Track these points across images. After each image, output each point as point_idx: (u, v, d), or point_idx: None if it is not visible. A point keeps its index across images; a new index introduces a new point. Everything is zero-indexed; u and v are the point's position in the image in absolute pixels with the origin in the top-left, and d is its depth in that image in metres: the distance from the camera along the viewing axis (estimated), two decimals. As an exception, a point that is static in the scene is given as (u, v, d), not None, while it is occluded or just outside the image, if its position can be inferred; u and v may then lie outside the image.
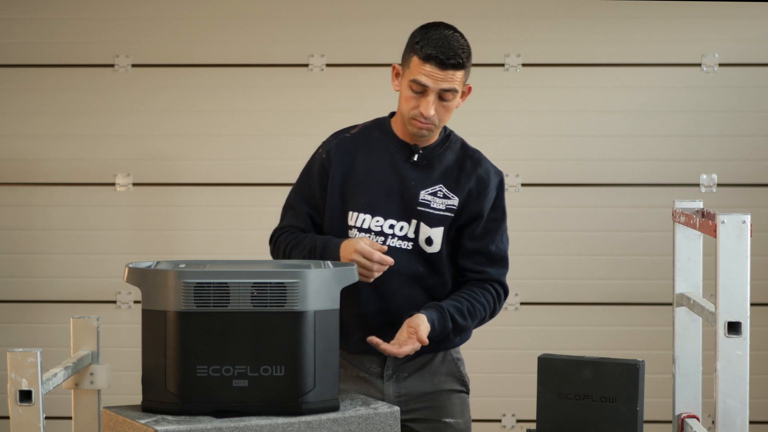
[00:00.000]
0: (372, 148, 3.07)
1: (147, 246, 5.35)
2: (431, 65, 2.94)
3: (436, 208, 3.03)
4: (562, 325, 5.41)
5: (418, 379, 3.08)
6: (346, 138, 3.11)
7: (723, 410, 2.73)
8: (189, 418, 2.62)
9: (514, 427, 5.41)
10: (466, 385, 3.16)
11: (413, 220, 3.02)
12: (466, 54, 2.97)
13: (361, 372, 3.08)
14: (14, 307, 5.41)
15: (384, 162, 3.05)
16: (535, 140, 5.39)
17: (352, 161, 3.06)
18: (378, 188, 3.03)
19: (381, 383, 3.06)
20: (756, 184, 5.38)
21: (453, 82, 2.94)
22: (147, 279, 2.67)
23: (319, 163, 3.09)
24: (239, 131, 5.38)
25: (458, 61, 2.94)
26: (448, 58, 2.93)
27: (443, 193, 3.04)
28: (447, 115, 3.00)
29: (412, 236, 3.03)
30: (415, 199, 3.02)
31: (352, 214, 3.04)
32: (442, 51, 2.94)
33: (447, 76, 2.94)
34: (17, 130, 5.38)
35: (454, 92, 2.96)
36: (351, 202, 3.04)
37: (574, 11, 5.37)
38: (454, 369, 3.13)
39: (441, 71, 2.94)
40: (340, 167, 3.06)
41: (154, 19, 5.36)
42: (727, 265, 2.72)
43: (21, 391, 2.69)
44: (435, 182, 3.04)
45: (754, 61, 5.36)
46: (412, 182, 3.03)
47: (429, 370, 3.09)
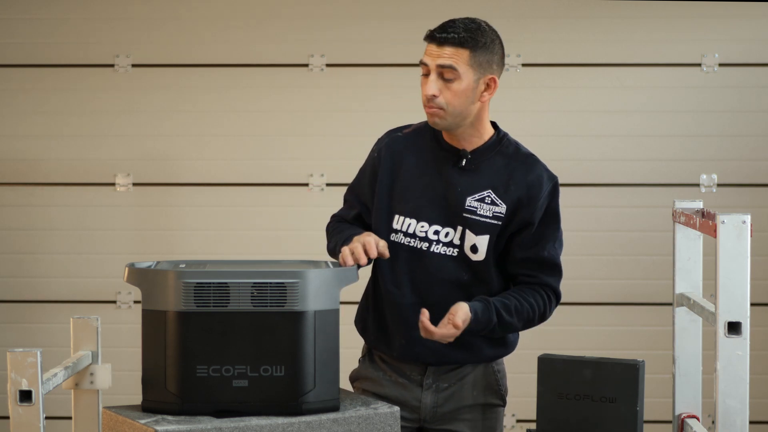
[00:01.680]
0: (421, 151, 3.01)
1: (147, 246, 5.35)
2: (430, 43, 2.90)
3: (482, 215, 2.94)
4: (562, 325, 5.41)
5: (457, 391, 3.03)
6: (398, 137, 3.06)
7: (723, 410, 2.73)
8: (189, 418, 2.62)
9: (514, 427, 5.41)
10: (503, 399, 3.11)
11: (459, 227, 2.95)
12: (469, 33, 2.87)
13: (400, 378, 3.04)
14: (14, 307, 5.41)
15: (431, 166, 2.99)
16: (534, 140, 5.35)
17: (400, 162, 3.01)
18: (424, 193, 2.97)
19: (420, 392, 3.03)
20: (756, 184, 5.38)
21: (450, 58, 2.86)
22: (147, 279, 2.67)
23: (372, 161, 3.07)
24: (239, 131, 5.38)
25: (454, 36, 2.86)
26: (443, 32, 2.87)
27: (491, 199, 2.95)
28: (455, 99, 2.88)
29: (458, 243, 2.96)
30: (461, 206, 2.95)
31: (398, 218, 2.99)
32: (440, 27, 2.89)
33: (443, 53, 2.86)
34: (17, 130, 5.38)
35: (453, 71, 2.86)
36: (397, 206, 2.99)
37: (574, 11, 5.37)
38: (493, 382, 3.07)
39: (437, 47, 2.88)
40: (389, 168, 3.02)
41: (154, 19, 5.36)
42: (727, 265, 2.72)
43: (21, 391, 2.69)
44: (483, 188, 2.96)
45: (754, 61, 5.36)
46: (459, 188, 2.95)
47: (469, 382, 3.04)
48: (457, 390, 3.03)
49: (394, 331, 3.00)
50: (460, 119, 2.92)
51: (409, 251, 2.98)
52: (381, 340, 3.04)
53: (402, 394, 3.03)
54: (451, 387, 3.03)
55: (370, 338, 3.07)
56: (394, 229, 2.99)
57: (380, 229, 3.01)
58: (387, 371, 3.05)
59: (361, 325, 3.10)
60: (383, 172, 3.02)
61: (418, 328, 2.90)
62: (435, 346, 2.96)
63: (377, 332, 3.04)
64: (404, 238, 2.98)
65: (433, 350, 2.98)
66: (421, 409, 3.02)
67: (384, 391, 3.03)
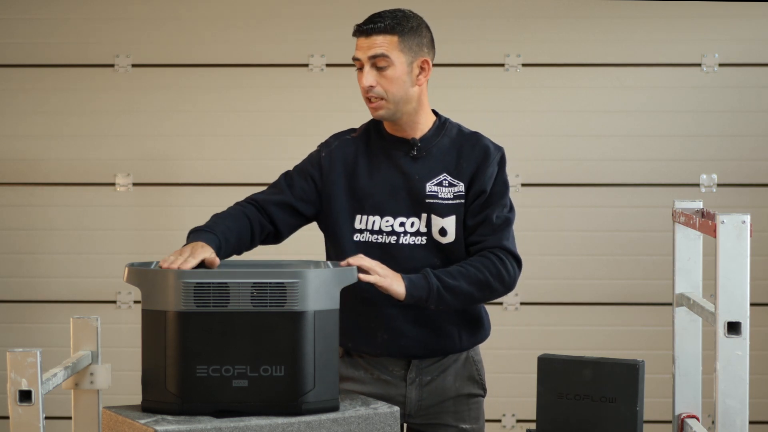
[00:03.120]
0: (372, 149, 3.05)
1: (147, 246, 5.36)
2: (359, 37, 2.97)
3: (444, 197, 2.99)
4: (562, 325, 5.41)
5: (440, 384, 3.06)
6: (347, 140, 3.09)
7: (723, 410, 2.73)
8: (189, 418, 2.62)
9: (514, 427, 5.41)
10: (484, 388, 3.15)
11: (423, 214, 2.99)
12: (395, 20, 2.94)
13: (383, 375, 3.06)
14: (14, 307, 5.41)
15: (384, 161, 3.03)
16: (535, 140, 5.39)
17: (354, 164, 3.04)
18: (383, 188, 3.01)
19: (404, 387, 3.05)
20: (756, 184, 5.38)
21: (380, 47, 2.92)
22: (147, 279, 2.67)
23: (316, 160, 3.08)
24: (239, 131, 5.39)
25: (381, 24, 2.92)
26: (368, 23, 2.94)
27: (448, 181, 3.00)
28: (393, 87, 2.94)
29: (425, 230, 2.99)
30: (422, 193, 2.99)
31: (361, 217, 3.02)
32: (366, 21, 2.96)
33: (372, 43, 2.93)
34: (17, 130, 5.38)
35: (385, 59, 2.92)
36: (357, 205, 3.02)
37: (574, 11, 5.37)
38: (473, 372, 3.11)
39: (366, 39, 2.95)
40: (343, 170, 3.05)
41: (154, 19, 5.37)
42: (727, 265, 2.72)
43: (21, 391, 2.69)
44: (438, 171, 3.01)
45: (754, 61, 5.36)
46: (416, 176, 3.00)
47: (451, 373, 3.07)
48: (440, 382, 3.06)
49: (374, 328, 3.01)
50: (402, 105, 2.97)
51: (378, 248, 3.00)
52: (361, 341, 3.05)
53: (386, 390, 3.05)
54: (434, 380, 3.06)
55: (350, 341, 3.07)
56: (358, 229, 3.02)
57: (342, 232, 3.02)
58: (369, 369, 3.06)
59: None
60: (336, 175, 3.04)
61: (398, 321, 2.97)
62: (419, 337, 2.99)
63: (356, 333, 3.05)
64: (371, 236, 3.01)
65: (416, 341, 3.00)
66: (406, 404, 3.04)
67: (367, 390, 3.04)
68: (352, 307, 3.03)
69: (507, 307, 5.39)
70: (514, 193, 5.33)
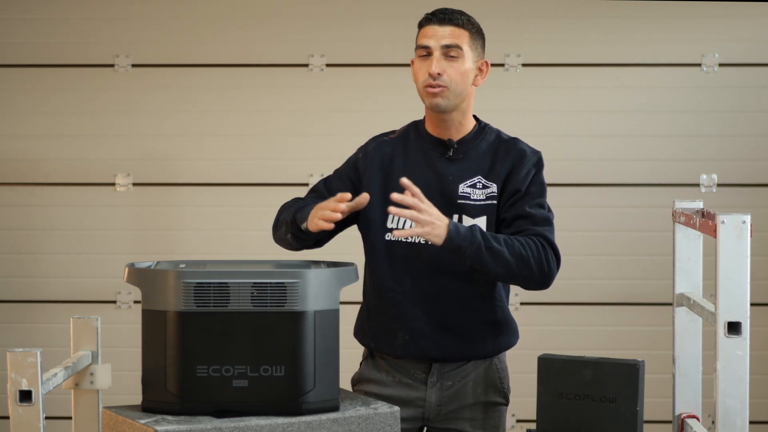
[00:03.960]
0: (409, 150, 3.06)
1: (147, 246, 5.35)
2: (430, 25, 2.99)
3: (476, 199, 2.99)
4: (562, 325, 5.41)
5: (461, 389, 3.04)
6: (385, 141, 3.11)
7: (723, 410, 2.73)
8: (189, 418, 2.62)
9: (514, 427, 5.41)
10: (506, 397, 3.11)
11: (455, 215, 2.99)
12: (467, 19, 3.00)
13: (404, 378, 3.05)
14: (14, 307, 5.41)
15: (420, 161, 3.04)
16: (535, 140, 5.34)
17: (390, 165, 3.05)
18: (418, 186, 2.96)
19: (424, 390, 3.04)
20: (756, 184, 5.38)
21: (455, 38, 2.96)
22: (147, 279, 2.68)
23: (354, 162, 3.11)
24: (239, 131, 5.38)
25: (456, 19, 2.97)
26: (445, 13, 2.98)
27: (482, 183, 3.00)
28: (459, 78, 2.97)
29: None
30: (455, 193, 2.99)
31: (392, 217, 3.01)
32: (440, 11, 3.00)
33: (447, 33, 2.96)
34: (17, 130, 5.38)
35: (458, 49, 2.96)
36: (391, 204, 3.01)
37: (574, 11, 5.37)
38: (496, 380, 3.08)
39: (440, 27, 2.97)
40: (380, 170, 3.06)
41: (154, 19, 5.36)
42: (727, 265, 2.72)
43: (21, 391, 2.69)
44: (473, 174, 3.01)
45: (754, 61, 5.36)
46: (450, 177, 3.01)
47: (473, 379, 3.04)
48: (460, 388, 3.04)
49: (395, 328, 3.00)
50: (459, 100, 3.00)
51: (407, 247, 3.00)
52: (383, 342, 3.04)
53: (407, 393, 3.03)
54: (455, 385, 3.04)
55: (372, 342, 3.07)
56: (390, 229, 3.02)
57: (375, 231, 3.03)
58: (390, 372, 3.05)
59: (361, 335, 3.11)
60: (373, 175, 3.05)
61: (420, 322, 2.95)
62: (440, 340, 2.98)
63: (379, 334, 3.04)
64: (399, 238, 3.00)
65: (436, 343, 2.99)
66: (426, 407, 3.03)
67: (388, 392, 3.03)
68: (375, 305, 3.03)
69: (507, 307, 5.39)
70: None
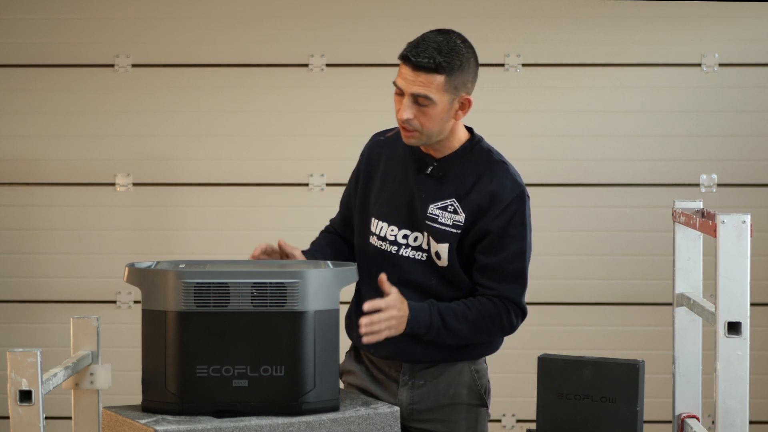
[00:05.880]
0: (396, 156, 3.03)
1: (147, 246, 5.35)
2: (404, 65, 2.85)
3: (443, 223, 2.93)
4: (562, 325, 5.41)
5: (434, 389, 3.03)
6: (379, 141, 3.10)
7: (723, 410, 2.73)
8: (189, 418, 2.62)
9: (514, 427, 5.41)
10: (482, 399, 3.08)
11: (424, 232, 2.96)
12: (446, 58, 2.80)
13: (379, 374, 3.06)
14: (14, 307, 5.41)
15: (401, 171, 3.01)
16: (535, 140, 5.39)
17: (377, 167, 3.05)
18: (392, 197, 2.99)
19: (396, 388, 3.04)
20: (756, 184, 5.38)
21: (425, 87, 2.81)
22: (147, 279, 2.67)
23: (358, 165, 3.13)
24: (239, 131, 5.38)
25: (429, 63, 2.79)
26: (417, 56, 2.80)
27: (453, 208, 2.93)
28: (430, 123, 2.86)
29: (426, 248, 2.96)
30: (424, 213, 2.95)
31: (374, 221, 3.02)
32: (414, 51, 2.82)
33: (418, 79, 2.81)
34: (17, 130, 5.38)
35: (426, 99, 2.82)
36: (373, 209, 3.03)
37: (574, 11, 5.37)
38: (471, 381, 3.05)
39: (412, 72, 2.82)
40: (368, 172, 3.06)
41: (154, 19, 5.36)
42: (727, 265, 2.72)
43: (21, 391, 2.69)
44: (447, 196, 2.95)
45: (754, 61, 5.36)
46: (423, 195, 2.96)
47: (446, 380, 3.03)
48: (432, 387, 3.03)
49: None
50: (435, 137, 2.92)
51: (381, 254, 3.01)
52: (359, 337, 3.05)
53: (382, 390, 3.05)
54: (427, 384, 3.03)
55: (354, 337, 3.09)
56: (372, 232, 3.03)
57: (362, 232, 3.05)
58: (369, 366, 3.07)
59: (348, 328, 3.13)
60: (364, 176, 3.06)
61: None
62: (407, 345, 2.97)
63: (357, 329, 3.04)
64: (378, 241, 3.02)
65: (404, 347, 2.98)
66: (399, 405, 3.02)
67: (364, 385, 3.05)
68: (356, 303, 3.07)
69: (507, 307, 5.39)
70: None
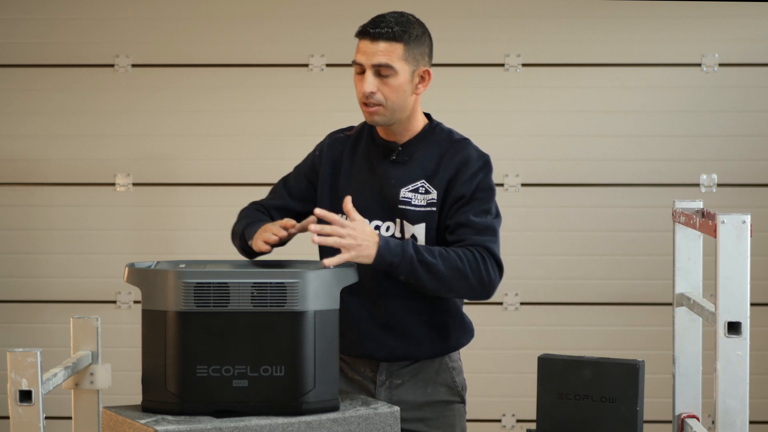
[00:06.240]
0: (359, 150, 3.06)
1: (147, 246, 5.35)
2: (362, 40, 2.93)
3: (417, 204, 2.96)
4: (562, 325, 5.41)
5: (411, 388, 3.03)
6: (339, 138, 3.12)
7: (723, 410, 2.73)
8: (189, 418, 2.62)
9: (514, 427, 5.41)
10: (460, 395, 3.08)
11: (397, 219, 2.98)
12: (401, 27, 2.90)
13: (356, 375, 3.06)
14: (14, 307, 5.41)
15: (366, 163, 3.03)
16: (535, 140, 5.39)
17: (340, 163, 3.06)
18: (362, 190, 3.01)
19: (373, 388, 3.03)
20: (756, 184, 5.38)
21: (386, 56, 2.89)
22: (147, 279, 2.68)
23: (311, 159, 3.12)
24: (239, 131, 5.39)
25: (388, 31, 2.88)
26: (375, 27, 2.89)
27: (425, 188, 2.98)
28: (393, 95, 2.92)
29: (399, 236, 2.98)
30: (396, 198, 2.98)
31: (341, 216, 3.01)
32: (371, 23, 2.92)
33: (378, 49, 2.89)
34: (17, 130, 5.38)
35: (388, 68, 2.89)
36: (339, 206, 3.01)
37: (574, 11, 5.37)
38: (449, 379, 3.06)
39: (372, 44, 2.90)
40: (330, 168, 3.06)
41: (154, 19, 5.36)
42: (727, 265, 2.72)
43: (21, 391, 2.69)
44: (416, 178, 2.99)
45: (754, 61, 5.36)
46: (392, 181, 2.99)
47: (423, 378, 3.03)
48: (410, 386, 3.03)
49: (345, 328, 2.96)
50: (399, 113, 2.96)
51: None
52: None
53: (357, 391, 3.04)
54: (404, 384, 3.03)
55: None
56: None
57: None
58: (343, 367, 3.06)
59: None
60: (325, 173, 3.06)
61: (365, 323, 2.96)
62: (385, 341, 2.97)
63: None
64: None
65: (381, 344, 2.98)
66: None
67: (342, 387, 3.03)
68: None
69: (507, 307, 5.39)
70: (514, 193, 5.36)
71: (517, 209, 5.35)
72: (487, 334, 5.35)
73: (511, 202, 5.33)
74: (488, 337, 5.33)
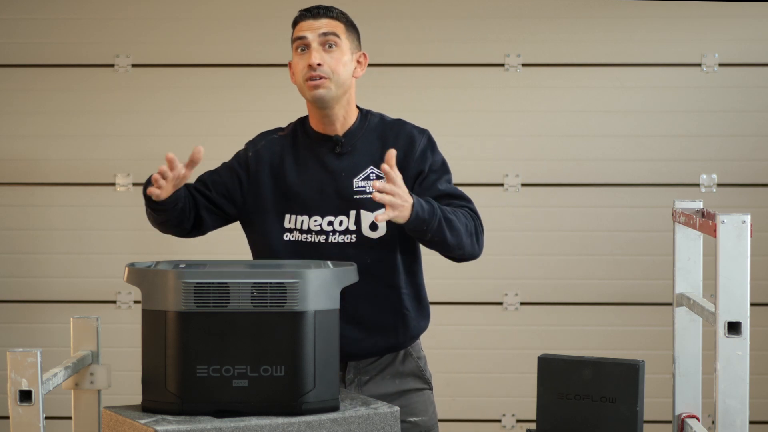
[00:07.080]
0: (298, 148, 3.07)
1: (147, 246, 5.35)
2: (305, 20, 3.04)
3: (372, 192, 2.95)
4: (562, 325, 5.41)
5: (380, 382, 3.06)
6: (274, 139, 3.12)
7: (723, 410, 2.73)
8: (189, 418, 2.62)
9: (514, 427, 5.41)
10: (428, 383, 3.14)
11: (352, 211, 3.00)
12: (340, 12, 3.05)
13: None
14: (14, 307, 5.41)
15: (311, 159, 3.05)
16: (535, 140, 5.39)
17: (281, 163, 3.06)
18: (310, 187, 3.02)
19: (342, 387, 3.05)
20: (756, 184, 5.38)
21: (332, 27, 3.00)
22: (147, 279, 2.67)
23: (244, 160, 3.12)
24: (239, 131, 5.36)
25: (330, 12, 3.02)
26: (319, 8, 3.04)
27: (375, 174, 3.01)
28: (340, 67, 2.99)
29: (354, 228, 3.00)
30: (350, 189, 3.00)
31: (289, 217, 3.02)
32: (313, 6, 3.05)
33: (322, 23, 3.00)
34: (17, 130, 5.38)
35: (335, 37, 2.99)
36: (286, 205, 3.03)
37: (574, 11, 5.37)
38: (415, 368, 3.10)
39: (315, 21, 3.01)
40: (270, 169, 3.07)
41: (154, 19, 5.37)
42: (727, 265, 2.72)
43: (21, 391, 2.69)
44: (364, 166, 3.02)
45: (754, 61, 5.36)
46: (342, 173, 3.01)
47: (390, 372, 3.07)
48: (379, 380, 3.06)
49: None
50: (342, 91, 3.01)
51: (307, 246, 3.01)
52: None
53: None
54: (373, 379, 3.06)
55: None
56: (288, 229, 3.03)
57: (272, 232, 3.04)
58: None
59: None
60: (263, 175, 3.06)
61: None
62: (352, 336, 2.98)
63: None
64: (300, 235, 3.02)
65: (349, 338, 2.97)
66: None
67: None
68: None
69: (507, 307, 5.39)
70: (514, 193, 5.36)
71: (517, 209, 5.35)
72: (487, 334, 5.35)
73: (511, 202, 5.33)
74: (488, 337, 5.33)
